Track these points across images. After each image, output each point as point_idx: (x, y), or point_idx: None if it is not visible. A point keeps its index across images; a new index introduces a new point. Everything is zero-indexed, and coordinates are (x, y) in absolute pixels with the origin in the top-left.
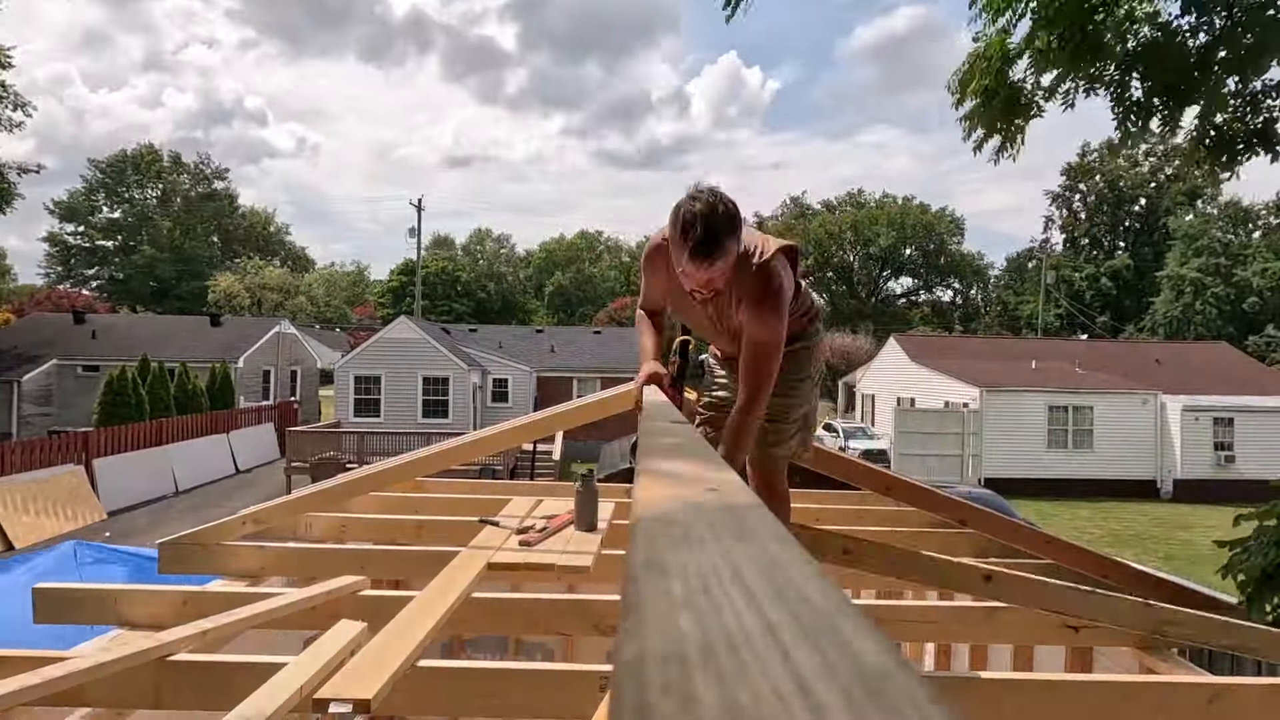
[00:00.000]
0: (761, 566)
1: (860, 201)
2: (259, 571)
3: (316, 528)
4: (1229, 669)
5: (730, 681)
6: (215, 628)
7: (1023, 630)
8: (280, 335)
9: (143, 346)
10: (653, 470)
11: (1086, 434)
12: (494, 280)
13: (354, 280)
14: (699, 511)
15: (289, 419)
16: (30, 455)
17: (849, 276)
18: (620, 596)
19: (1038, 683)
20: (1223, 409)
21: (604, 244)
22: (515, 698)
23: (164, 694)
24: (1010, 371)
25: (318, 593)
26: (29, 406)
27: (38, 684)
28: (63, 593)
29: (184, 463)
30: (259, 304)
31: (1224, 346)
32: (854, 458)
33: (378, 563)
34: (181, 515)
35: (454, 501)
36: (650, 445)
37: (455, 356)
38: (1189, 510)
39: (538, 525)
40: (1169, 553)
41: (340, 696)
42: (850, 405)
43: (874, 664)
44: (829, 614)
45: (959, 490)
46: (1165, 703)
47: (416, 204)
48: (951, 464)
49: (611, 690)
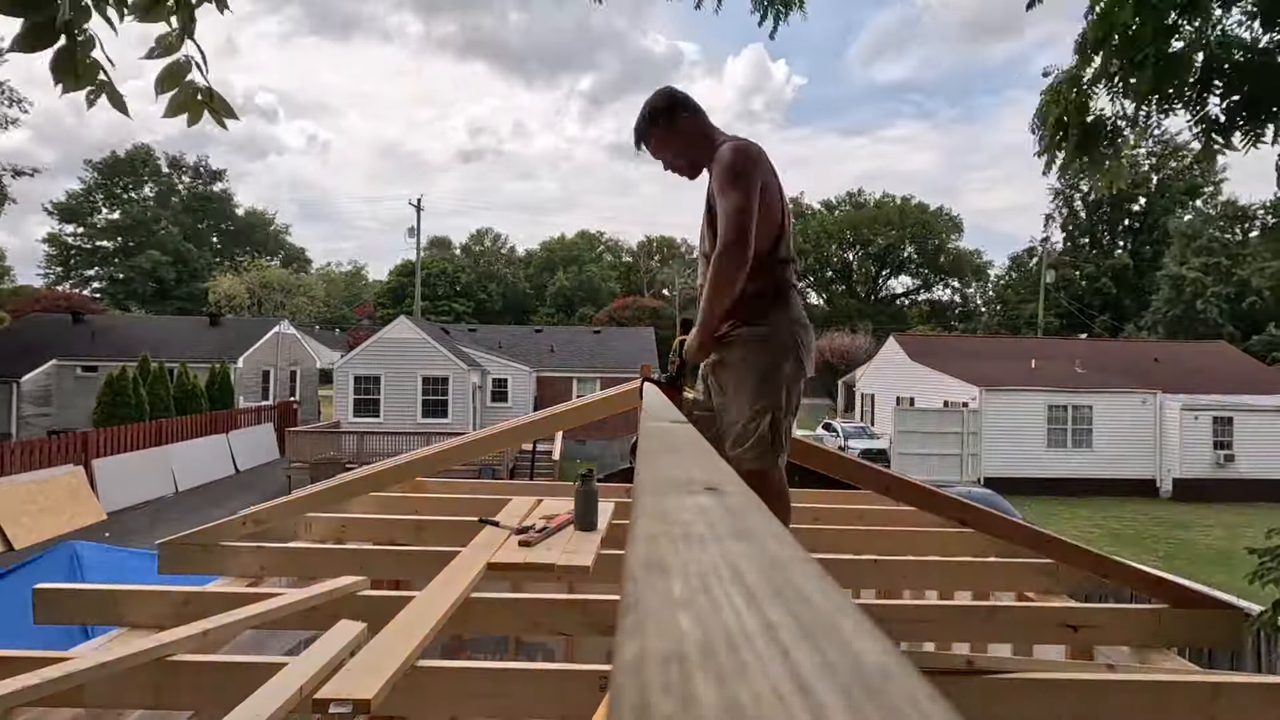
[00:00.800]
0: (761, 566)
1: (860, 201)
2: (259, 572)
3: (316, 528)
4: (1228, 667)
5: (730, 681)
6: (215, 628)
7: (1022, 630)
8: (280, 335)
9: (142, 347)
10: (652, 470)
11: (1086, 433)
12: (494, 280)
13: (353, 280)
14: (699, 511)
15: (288, 419)
16: (30, 456)
17: (848, 276)
18: (620, 596)
19: (1037, 681)
20: (1222, 408)
21: (604, 244)
22: (515, 698)
23: (164, 694)
24: (1010, 371)
25: (318, 593)
26: (28, 407)
27: (38, 684)
28: (63, 593)
29: (183, 463)
30: (259, 304)
31: (1224, 346)
32: (854, 457)
33: (377, 563)
34: (181, 516)
35: (454, 502)
36: (650, 445)
37: (455, 357)
38: (1188, 509)
39: (537, 525)
40: (1169, 552)
41: (340, 697)
42: (850, 405)
43: (874, 663)
44: (829, 613)
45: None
46: (1165, 702)
47: (416, 204)
48: (951, 463)
49: (611, 690)
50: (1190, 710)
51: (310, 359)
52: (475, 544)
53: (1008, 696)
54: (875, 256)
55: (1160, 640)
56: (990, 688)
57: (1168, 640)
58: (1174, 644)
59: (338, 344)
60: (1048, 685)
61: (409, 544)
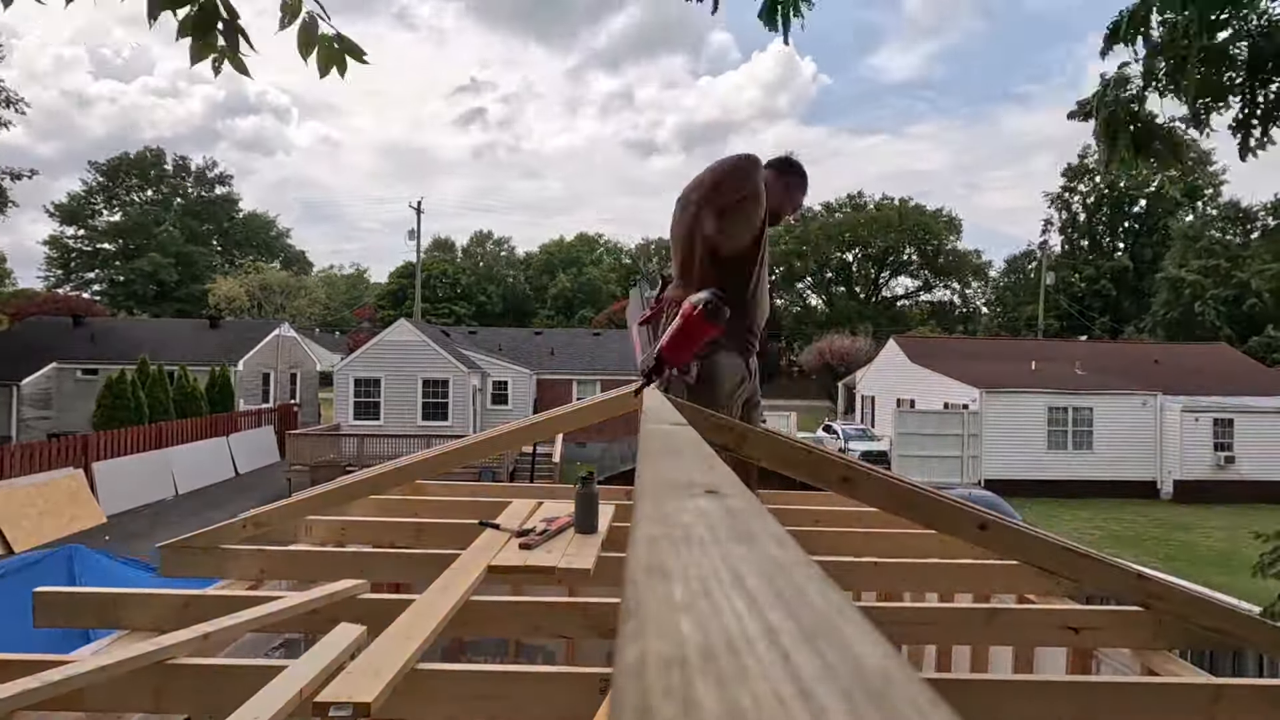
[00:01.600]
0: (762, 569)
1: (860, 203)
2: (259, 575)
3: (316, 531)
4: (1230, 669)
5: (731, 685)
6: (215, 631)
7: (1023, 632)
8: (280, 338)
9: (142, 349)
10: (652, 472)
11: (1086, 435)
12: (494, 283)
13: (354, 282)
14: (699, 514)
15: (289, 422)
16: (30, 458)
17: (848, 277)
18: (621, 599)
19: (1038, 684)
20: (1222, 410)
21: (603, 245)
22: (516, 700)
23: (164, 698)
24: (1010, 372)
25: (318, 596)
26: (28, 410)
27: (37, 688)
28: (63, 596)
29: (183, 466)
30: (259, 307)
31: (1224, 347)
32: (854, 459)
33: (377, 566)
34: (181, 518)
35: (453, 504)
36: (650, 447)
37: (455, 359)
38: (1189, 511)
39: (538, 528)
40: (1169, 553)
41: (340, 700)
42: (850, 407)
43: (875, 667)
44: (829, 617)
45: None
46: (1167, 704)
47: (416, 206)
48: (951, 465)
49: (613, 693)
50: (1192, 713)
51: (310, 361)
52: (475, 546)
53: (1009, 700)
54: (875, 258)
55: (1162, 643)
56: (991, 691)
57: (1169, 643)
58: (1175, 646)
59: (338, 347)
60: (1049, 688)
61: (409, 547)
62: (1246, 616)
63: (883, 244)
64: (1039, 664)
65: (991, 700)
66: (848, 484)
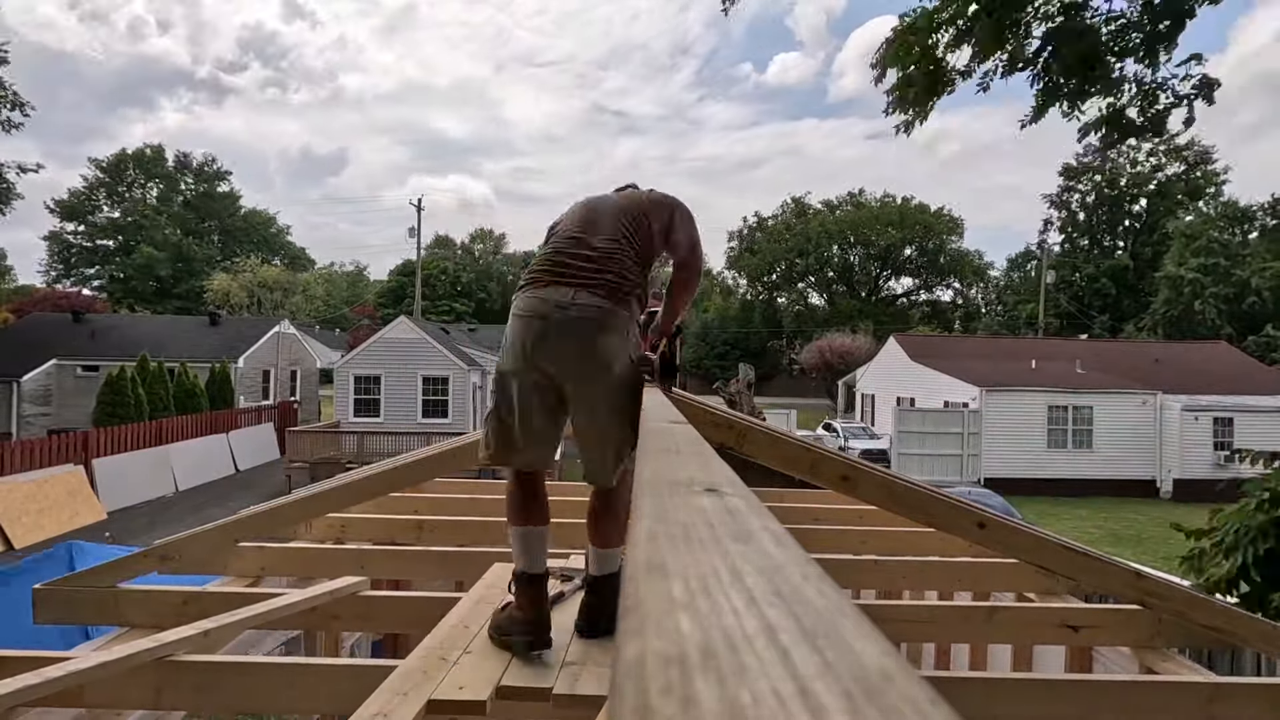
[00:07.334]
0: (761, 568)
1: (861, 201)
2: (259, 572)
3: (316, 528)
4: (1228, 669)
5: (731, 683)
6: (216, 628)
7: (1022, 630)
8: (280, 335)
9: (142, 346)
10: (652, 471)
11: (1086, 434)
12: (494, 279)
13: (354, 280)
14: (699, 513)
15: (289, 419)
16: (30, 455)
17: (849, 276)
18: (621, 598)
19: (1037, 682)
20: (1222, 409)
21: None
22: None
23: (164, 694)
24: (1010, 371)
25: (318, 593)
26: (28, 406)
27: (38, 684)
28: (63, 593)
29: (184, 462)
30: (258, 303)
31: (1224, 346)
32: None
33: (377, 563)
34: (181, 515)
35: (453, 502)
36: (649, 445)
37: (455, 356)
38: (1189, 510)
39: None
40: (1169, 553)
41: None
42: (850, 405)
43: (874, 665)
44: (828, 615)
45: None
46: (1165, 702)
47: (416, 204)
48: (951, 463)
49: (612, 691)
50: (1190, 711)
51: (310, 359)
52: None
53: (1008, 698)
54: (876, 257)
55: (1160, 641)
56: (991, 689)
57: (1167, 641)
58: (1173, 645)
59: (338, 344)
60: (1048, 686)
61: (409, 544)
62: (1244, 615)
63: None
64: (1038, 662)
65: (991, 698)
66: (847, 482)
